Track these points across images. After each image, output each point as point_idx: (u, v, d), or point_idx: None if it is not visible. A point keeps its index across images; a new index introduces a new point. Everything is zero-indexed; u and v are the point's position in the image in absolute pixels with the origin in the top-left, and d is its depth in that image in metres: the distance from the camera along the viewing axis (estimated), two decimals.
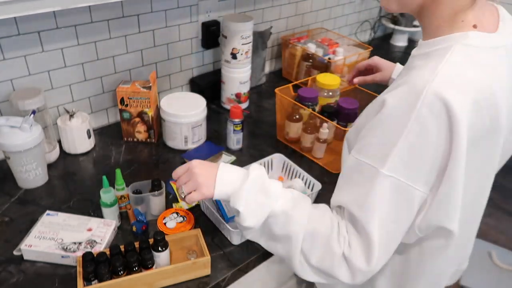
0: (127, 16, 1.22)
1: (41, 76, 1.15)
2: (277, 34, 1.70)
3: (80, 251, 0.87)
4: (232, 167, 0.80)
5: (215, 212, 0.96)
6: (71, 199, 1.05)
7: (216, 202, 0.97)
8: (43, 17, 1.07)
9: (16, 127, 0.99)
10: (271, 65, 1.79)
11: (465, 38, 0.65)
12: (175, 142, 1.24)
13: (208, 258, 0.86)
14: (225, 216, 0.95)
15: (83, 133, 1.18)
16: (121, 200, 0.99)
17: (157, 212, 1.00)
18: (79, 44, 1.17)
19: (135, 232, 0.95)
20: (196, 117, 1.21)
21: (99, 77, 1.26)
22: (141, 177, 1.12)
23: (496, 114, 0.65)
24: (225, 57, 1.38)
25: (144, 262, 0.83)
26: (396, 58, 2.02)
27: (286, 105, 1.25)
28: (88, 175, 1.14)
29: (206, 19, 1.42)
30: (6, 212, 1.00)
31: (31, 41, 1.08)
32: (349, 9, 1.96)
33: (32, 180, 1.06)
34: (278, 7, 1.63)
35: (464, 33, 0.65)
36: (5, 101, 1.11)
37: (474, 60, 0.64)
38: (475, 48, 0.65)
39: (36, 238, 0.89)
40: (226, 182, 0.77)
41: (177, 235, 0.91)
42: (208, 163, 0.82)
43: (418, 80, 0.63)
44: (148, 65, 1.35)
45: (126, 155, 1.22)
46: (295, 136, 1.27)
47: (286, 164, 1.15)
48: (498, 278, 2.18)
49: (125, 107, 1.21)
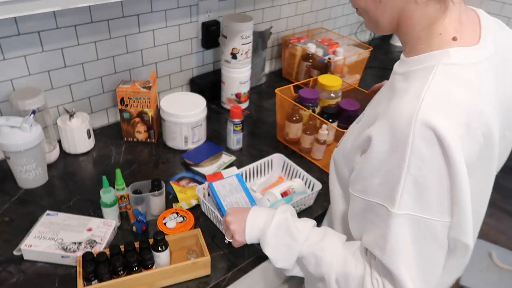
0: (127, 16, 1.22)
1: (41, 76, 1.15)
2: (277, 34, 1.70)
3: (80, 251, 0.87)
4: (261, 211, 0.83)
5: (216, 212, 0.96)
6: (71, 199, 1.05)
7: (217, 202, 0.97)
8: (43, 17, 1.07)
9: (16, 127, 0.99)
10: (271, 65, 1.79)
11: (446, 56, 0.63)
12: (175, 142, 1.24)
13: (208, 258, 0.86)
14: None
15: (83, 133, 1.18)
16: (121, 200, 0.99)
17: (157, 212, 1.00)
18: (79, 44, 1.17)
19: (135, 232, 0.95)
20: (196, 117, 1.21)
21: (99, 77, 1.26)
22: (141, 177, 1.12)
23: (488, 130, 0.63)
24: (225, 57, 1.38)
25: (144, 262, 0.83)
26: (396, 58, 2.02)
27: (286, 106, 1.25)
28: (88, 175, 1.14)
29: (206, 19, 1.42)
30: (6, 212, 1.00)
31: (31, 41, 1.08)
32: (349, 9, 1.96)
33: (32, 180, 1.06)
34: (278, 7, 1.63)
35: (444, 51, 0.63)
36: (5, 101, 1.11)
37: (458, 80, 0.62)
38: (458, 66, 0.63)
39: (36, 238, 0.89)
40: (254, 228, 0.81)
41: (177, 235, 0.91)
42: (241, 209, 0.86)
43: (404, 110, 0.61)
44: (148, 65, 1.35)
45: (126, 155, 1.22)
46: (294, 137, 1.27)
47: (286, 164, 1.15)
48: (498, 278, 2.18)
49: (125, 107, 1.21)
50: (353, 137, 0.76)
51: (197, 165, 1.17)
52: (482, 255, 2.27)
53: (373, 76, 1.81)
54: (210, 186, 0.99)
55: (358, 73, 1.72)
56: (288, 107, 1.25)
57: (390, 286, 0.68)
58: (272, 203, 1.01)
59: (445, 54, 0.63)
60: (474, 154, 0.62)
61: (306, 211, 1.06)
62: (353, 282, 0.71)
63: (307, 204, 1.07)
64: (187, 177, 1.14)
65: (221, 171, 1.04)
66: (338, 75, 1.57)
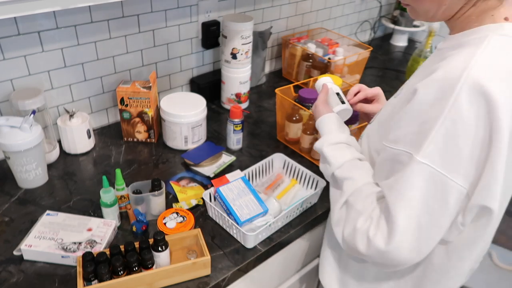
0: (127, 16, 1.22)
1: (41, 76, 1.15)
2: (277, 34, 1.70)
3: (80, 251, 0.87)
4: (333, 125, 0.91)
5: (226, 216, 0.96)
6: (71, 199, 1.05)
7: (227, 207, 0.96)
8: (43, 17, 1.07)
9: (16, 127, 0.99)
10: (271, 65, 1.79)
11: (501, 29, 0.65)
12: (175, 142, 1.24)
13: (208, 258, 0.86)
14: (237, 220, 0.94)
15: (83, 133, 1.18)
16: (121, 200, 0.99)
17: (157, 212, 1.00)
18: (79, 44, 1.17)
19: (135, 232, 0.95)
20: (196, 117, 1.21)
21: (99, 77, 1.26)
22: (141, 177, 1.12)
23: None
24: (225, 57, 1.38)
25: (144, 262, 0.83)
26: (396, 58, 2.02)
27: (286, 106, 1.25)
28: (88, 175, 1.14)
29: (206, 19, 1.42)
30: (6, 212, 1.00)
31: (31, 41, 1.08)
32: (349, 9, 1.96)
33: (32, 180, 1.06)
34: (278, 7, 1.63)
35: (499, 24, 0.65)
36: (5, 101, 1.11)
37: (511, 51, 0.64)
38: (511, 38, 0.64)
39: (36, 238, 0.89)
40: (323, 129, 0.92)
41: (177, 235, 0.91)
42: (324, 106, 0.97)
43: (454, 67, 0.62)
44: (148, 65, 1.35)
45: (126, 155, 1.22)
46: (294, 137, 1.27)
47: (287, 163, 1.15)
48: (498, 278, 2.18)
49: (125, 107, 1.21)
50: (390, 109, 0.77)
51: (197, 165, 1.17)
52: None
53: (373, 76, 1.81)
54: (217, 192, 0.98)
55: (358, 73, 1.72)
56: (288, 107, 1.25)
57: (384, 225, 0.68)
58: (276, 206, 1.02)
59: (499, 27, 0.65)
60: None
61: (310, 210, 1.06)
62: (355, 213, 0.74)
63: (312, 202, 1.07)
64: (187, 177, 1.14)
65: (226, 175, 1.03)
66: (338, 75, 1.57)
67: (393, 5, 2.20)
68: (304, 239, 1.12)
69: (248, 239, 0.93)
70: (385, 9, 2.17)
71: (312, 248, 1.20)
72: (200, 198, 1.05)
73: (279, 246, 0.99)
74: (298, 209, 1.03)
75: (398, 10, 2.10)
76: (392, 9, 2.20)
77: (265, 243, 0.96)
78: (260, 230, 0.92)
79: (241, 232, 0.92)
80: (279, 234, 0.99)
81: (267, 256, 0.98)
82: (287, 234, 0.99)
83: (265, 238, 0.97)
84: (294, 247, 1.09)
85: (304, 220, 1.03)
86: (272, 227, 0.97)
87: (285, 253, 1.06)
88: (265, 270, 1.05)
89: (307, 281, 1.28)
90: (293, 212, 1.01)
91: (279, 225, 1.00)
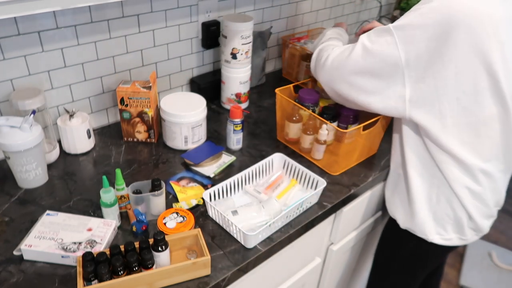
0: (127, 16, 1.22)
1: (41, 76, 1.15)
2: (277, 34, 1.71)
3: (80, 251, 0.87)
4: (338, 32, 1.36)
5: (227, 216, 0.96)
6: (71, 199, 1.05)
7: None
8: (43, 17, 1.07)
9: (16, 127, 0.99)
10: (271, 65, 1.79)
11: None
12: (175, 142, 1.24)
13: (208, 258, 0.86)
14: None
15: (83, 133, 1.18)
16: (121, 200, 0.99)
17: (157, 212, 1.00)
18: (79, 44, 1.17)
19: (135, 232, 0.95)
20: (196, 117, 1.21)
21: (99, 77, 1.26)
22: (141, 177, 1.12)
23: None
24: (225, 57, 1.38)
25: (144, 262, 0.83)
26: None
27: (286, 106, 1.25)
28: (88, 175, 1.14)
29: (206, 19, 1.42)
30: (6, 212, 1.00)
31: (31, 41, 1.08)
32: (349, 9, 1.96)
33: (32, 180, 1.06)
34: (278, 7, 1.63)
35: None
36: (5, 101, 1.11)
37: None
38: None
39: (36, 238, 0.89)
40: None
41: (177, 235, 0.91)
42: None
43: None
44: (148, 65, 1.35)
45: (126, 155, 1.22)
46: (294, 137, 1.27)
47: (287, 163, 1.15)
48: (498, 278, 2.18)
49: (125, 107, 1.21)
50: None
51: (197, 165, 1.17)
52: (482, 255, 2.27)
53: None
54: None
55: None
56: (288, 107, 1.25)
57: (327, 55, 1.13)
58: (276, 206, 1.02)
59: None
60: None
61: (310, 210, 1.06)
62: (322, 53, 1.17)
63: (312, 202, 1.07)
64: (187, 177, 1.14)
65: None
66: None
67: (393, 5, 2.20)
68: (304, 239, 1.12)
69: (248, 239, 0.93)
70: (385, 9, 2.17)
71: (312, 248, 1.20)
72: (200, 198, 1.05)
73: (279, 246, 0.99)
74: (298, 209, 1.03)
75: (398, 10, 2.10)
76: (392, 9, 2.20)
77: (265, 243, 0.96)
78: (260, 230, 0.92)
79: (241, 232, 0.92)
80: (279, 234, 0.99)
81: (267, 256, 0.98)
82: (287, 234, 0.99)
83: (265, 238, 0.97)
84: (294, 247, 1.09)
85: (304, 220, 1.03)
86: (272, 227, 0.97)
87: (285, 253, 1.06)
88: (265, 270, 1.05)
89: (307, 281, 1.28)
90: (293, 212, 1.01)
91: (279, 225, 1.00)
